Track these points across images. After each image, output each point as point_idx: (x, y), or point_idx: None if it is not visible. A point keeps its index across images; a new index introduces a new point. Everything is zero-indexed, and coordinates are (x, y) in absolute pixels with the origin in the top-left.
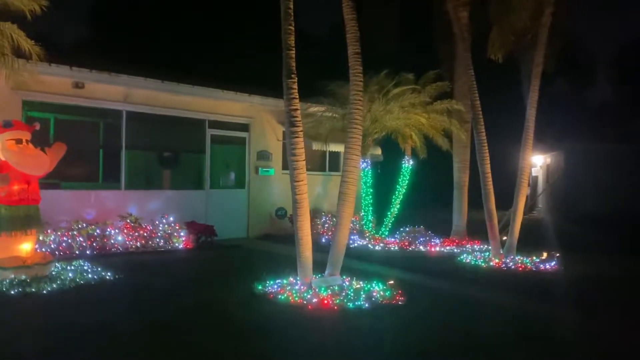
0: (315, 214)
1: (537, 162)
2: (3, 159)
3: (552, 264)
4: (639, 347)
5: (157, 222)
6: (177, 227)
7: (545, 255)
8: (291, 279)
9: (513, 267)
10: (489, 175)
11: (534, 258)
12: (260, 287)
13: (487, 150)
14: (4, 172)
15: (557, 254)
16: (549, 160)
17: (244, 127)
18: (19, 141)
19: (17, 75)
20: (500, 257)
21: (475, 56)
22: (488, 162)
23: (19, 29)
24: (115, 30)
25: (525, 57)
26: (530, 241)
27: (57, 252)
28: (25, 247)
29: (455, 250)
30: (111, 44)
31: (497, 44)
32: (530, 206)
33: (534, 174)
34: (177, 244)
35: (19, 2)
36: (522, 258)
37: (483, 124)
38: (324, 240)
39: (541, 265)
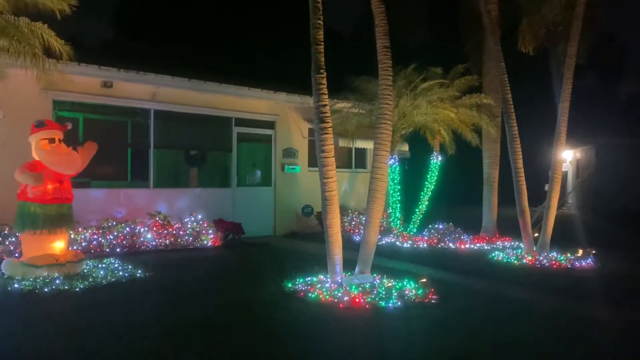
0: (341, 211)
1: (567, 158)
2: (37, 158)
3: (588, 261)
4: None
5: (185, 220)
6: (205, 225)
7: (580, 252)
8: (321, 277)
9: (547, 264)
10: (522, 170)
11: (569, 255)
12: (290, 285)
13: (519, 145)
14: (37, 171)
15: (594, 251)
16: (578, 155)
17: (270, 125)
18: (51, 140)
19: (48, 75)
20: (533, 254)
21: (505, 49)
22: (520, 157)
23: (49, 28)
24: (141, 29)
25: (557, 49)
26: (563, 238)
27: (88, 250)
28: (58, 245)
29: (486, 247)
30: (137, 43)
31: (528, 37)
32: (560, 202)
33: (563, 169)
34: (205, 242)
35: (49, 2)
36: (556, 255)
37: (515, 118)
38: (351, 238)
39: (577, 263)
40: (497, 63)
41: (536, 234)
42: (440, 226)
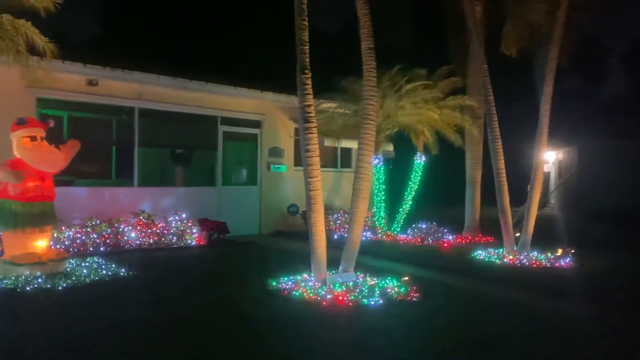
0: (327, 210)
1: (549, 158)
2: (18, 156)
3: (567, 260)
4: None
5: (169, 219)
6: (189, 224)
7: (560, 251)
8: (305, 276)
9: (527, 263)
10: (503, 171)
11: (549, 254)
12: (274, 284)
13: (500, 146)
14: (19, 169)
15: (572, 251)
16: (561, 156)
17: (256, 124)
18: (33, 138)
19: (32, 73)
20: (514, 253)
21: (489, 51)
22: (502, 158)
23: (33, 26)
24: (128, 27)
25: (539, 51)
26: (543, 238)
27: (71, 249)
28: (40, 243)
29: (468, 246)
30: (124, 42)
31: (511, 39)
32: (542, 202)
33: (546, 170)
34: (189, 241)
35: None
36: (536, 254)
37: (497, 120)
38: (336, 237)
39: (556, 262)
40: (480, 65)
41: (518, 234)
42: (424, 225)
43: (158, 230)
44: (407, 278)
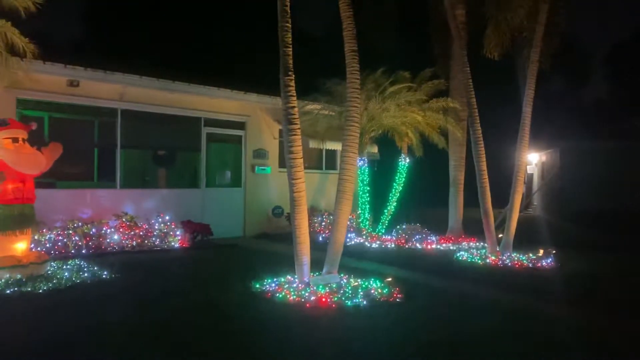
0: (312, 212)
1: (532, 160)
2: None
3: (549, 261)
4: (635, 340)
5: (152, 221)
6: (173, 226)
7: (541, 252)
8: (289, 278)
9: (510, 264)
10: (485, 172)
11: (531, 255)
12: (257, 286)
13: (483, 148)
14: None
15: (554, 251)
16: (544, 158)
17: (240, 125)
18: (15, 140)
19: (11, 74)
20: (496, 254)
21: (471, 54)
22: (484, 159)
23: (12, 26)
24: (111, 28)
25: (521, 54)
26: (526, 238)
27: (52, 252)
28: (20, 246)
29: (452, 247)
30: (106, 43)
31: (493, 42)
32: (525, 204)
33: (529, 171)
34: (173, 243)
35: None
36: (518, 255)
37: (479, 122)
38: (320, 239)
39: (538, 262)
40: (462, 68)
41: (500, 235)
42: (408, 227)
43: (141, 233)
44: (390, 279)
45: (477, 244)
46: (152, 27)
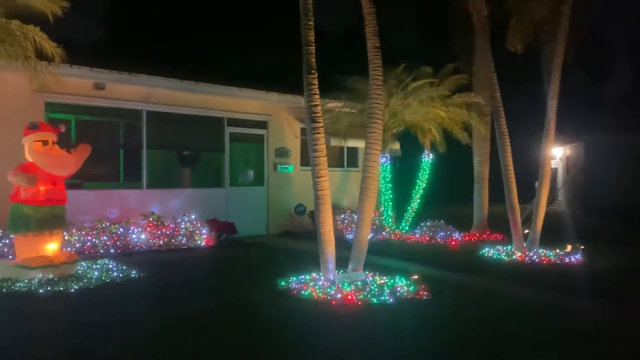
0: (334, 210)
1: (557, 154)
2: (30, 160)
3: (577, 256)
4: None
5: (178, 220)
6: (198, 225)
7: (569, 248)
8: (314, 275)
9: (537, 260)
10: (511, 168)
11: (558, 251)
12: (283, 284)
13: (508, 143)
14: (31, 173)
15: (582, 247)
16: (568, 152)
17: (262, 125)
18: (45, 142)
19: (40, 78)
20: (523, 250)
21: (494, 48)
22: (510, 154)
23: (41, 31)
24: (133, 30)
25: (545, 48)
26: (552, 234)
27: (82, 252)
28: (52, 246)
29: (477, 244)
30: (129, 44)
31: (517, 36)
32: (550, 199)
33: (553, 166)
34: (199, 242)
35: (40, 4)
36: (545, 251)
37: (504, 117)
38: (344, 237)
39: (566, 258)
40: (486, 62)
41: (526, 231)
42: (432, 223)
43: (167, 232)
44: (416, 276)
45: (503, 240)
46: (173, 28)
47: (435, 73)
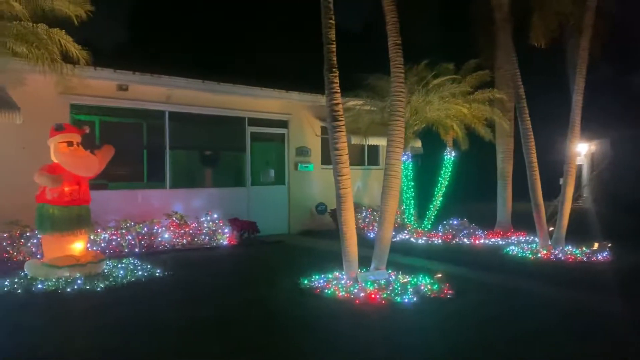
0: (355, 208)
1: (582, 151)
2: (55, 161)
3: (604, 254)
4: None
5: (201, 220)
6: (220, 224)
7: (596, 245)
8: (336, 274)
9: (562, 258)
10: (535, 164)
11: (584, 249)
12: (306, 282)
13: (532, 140)
14: (56, 173)
15: (609, 245)
16: (594, 148)
17: (283, 124)
18: (70, 144)
19: (65, 80)
20: (548, 248)
21: (517, 43)
22: (534, 151)
23: (66, 34)
24: (154, 30)
25: (569, 42)
26: (578, 231)
27: (107, 251)
28: (78, 246)
29: (501, 242)
30: (149, 45)
31: (540, 30)
32: (575, 196)
33: (578, 162)
34: (221, 241)
35: (66, 8)
36: (571, 249)
37: (528, 113)
38: (365, 235)
39: (592, 256)
40: (508, 57)
41: (551, 228)
42: (455, 222)
43: (191, 231)
44: (439, 275)
45: (527, 238)
46: (193, 28)
47: (457, 69)
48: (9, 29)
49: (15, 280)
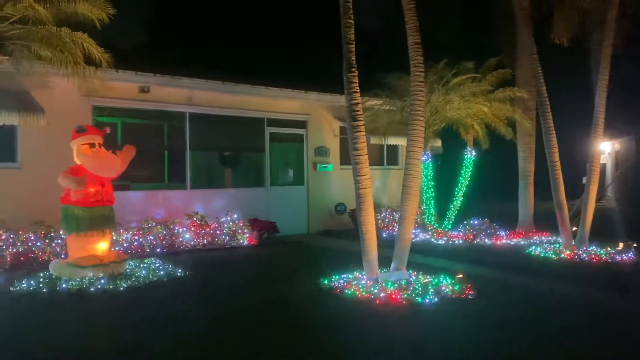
0: (375, 208)
1: (606, 149)
2: (79, 162)
3: (630, 254)
4: None
5: (221, 220)
6: (240, 224)
7: (621, 245)
8: (356, 274)
9: (586, 258)
10: (558, 163)
11: (609, 249)
12: (326, 282)
13: (554, 138)
14: (80, 175)
15: (634, 245)
16: (618, 146)
17: (302, 124)
18: (92, 145)
19: (88, 83)
20: (572, 248)
21: (538, 40)
22: (556, 150)
23: (89, 37)
24: (172, 32)
25: (592, 38)
26: (602, 231)
27: (129, 251)
28: (102, 246)
29: (523, 242)
30: (170, 47)
31: (562, 27)
32: (599, 195)
33: (602, 161)
34: (241, 241)
35: (88, 11)
36: (595, 249)
37: (550, 111)
38: (384, 235)
39: (617, 257)
40: (530, 55)
41: (574, 228)
42: (476, 222)
43: (211, 231)
44: (461, 275)
45: (550, 238)
46: (211, 29)
47: (477, 68)
48: (34, 33)
49: (41, 279)
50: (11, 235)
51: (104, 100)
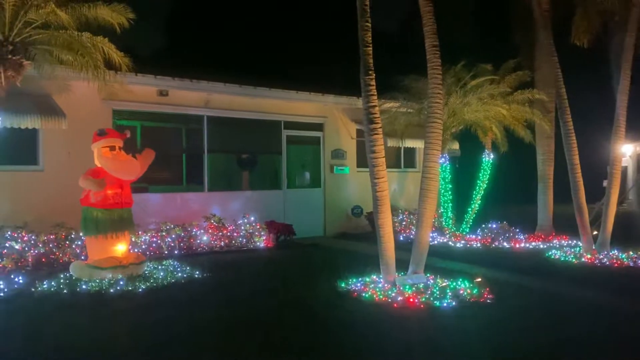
0: (392, 211)
1: (627, 152)
2: (99, 165)
3: None
4: None
5: (239, 222)
6: (257, 227)
7: None
8: (374, 277)
9: (607, 262)
10: (578, 166)
11: (631, 253)
12: (343, 285)
13: (574, 141)
14: (100, 177)
15: None
16: (639, 149)
17: (318, 127)
18: (112, 148)
19: (108, 86)
20: (592, 252)
21: (558, 41)
22: (576, 152)
23: (109, 42)
24: (190, 35)
25: (612, 40)
26: (623, 235)
27: (147, 253)
28: (121, 248)
29: (542, 246)
30: (188, 50)
31: (582, 28)
32: (620, 199)
33: (623, 164)
34: (258, 243)
35: (108, 16)
36: (617, 253)
37: (569, 113)
38: (402, 238)
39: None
40: (549, 57)
41: (595, 232)
42: (494, 225)
43: (228, 233)
44: (479, 279)
45: (570, 242)
46: (227, 31)
47: (495, 70)
48: (56, 37)
49: (61, 280)
50: (33, 237)
51: (124, 103)
